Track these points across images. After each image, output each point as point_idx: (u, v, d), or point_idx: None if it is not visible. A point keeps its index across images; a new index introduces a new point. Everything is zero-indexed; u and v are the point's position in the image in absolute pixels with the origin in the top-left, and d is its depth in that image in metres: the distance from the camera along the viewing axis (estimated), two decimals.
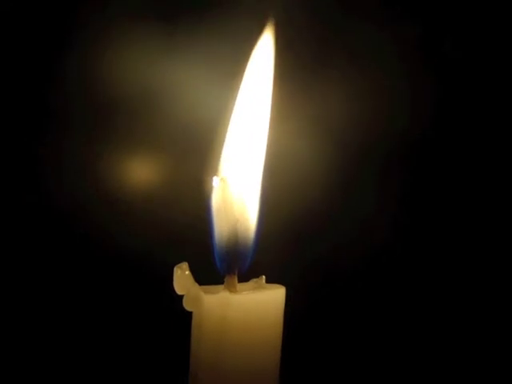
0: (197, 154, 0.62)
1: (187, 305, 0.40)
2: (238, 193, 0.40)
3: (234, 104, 0.42)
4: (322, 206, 0.71)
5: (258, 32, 0.44)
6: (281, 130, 0.68)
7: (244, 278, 0.41)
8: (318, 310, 0.72)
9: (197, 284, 0.39)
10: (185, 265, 0.39)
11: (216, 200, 0.40)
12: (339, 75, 0.71)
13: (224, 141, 0.41)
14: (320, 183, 0.71)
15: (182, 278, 0.39)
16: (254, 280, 0.41)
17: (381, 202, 0.72)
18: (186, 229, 0.66)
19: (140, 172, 0.72)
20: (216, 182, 0.40)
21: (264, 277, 0.41)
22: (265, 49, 0.43)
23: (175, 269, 0.40)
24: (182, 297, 0.40)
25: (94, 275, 0.71)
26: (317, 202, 0.71)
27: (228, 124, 0.41)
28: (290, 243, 0.71)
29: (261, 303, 0.39)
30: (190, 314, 0.40)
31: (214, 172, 0.41)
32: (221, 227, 0.40)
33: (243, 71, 0.42)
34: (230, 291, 0.40)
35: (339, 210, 0.72)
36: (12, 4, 0.68)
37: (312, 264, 0.71)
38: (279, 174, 0.68)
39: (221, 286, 0.40)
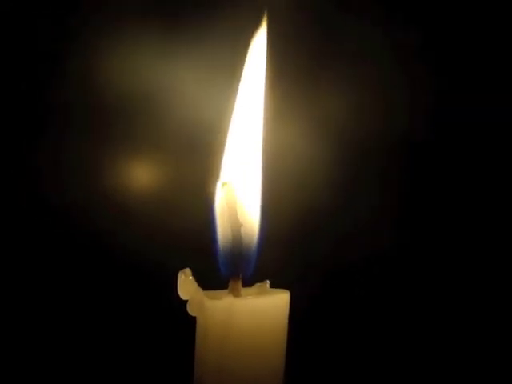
0: (201, 158, 0.62)
1: (191, 310, 0.39)
2: (241, 197, 0.40)
3: (233, 107, 0.42)
4: (326, 209, 0.71)
5: (255, 31, 0.44)
6: (282, 131, 0.69)
7: (248, 283, 0.41)
8: (323, 314, 0.72)
9: (201, 289, 0.39)
10: (188, 270, 0.39)
11: (220, 204, 0.40)
12: (339, 76, 0.71)
13: (225, 144, 0.41)
14: (323, 185, 0.71)
15: (186, 283, 0.39)
16: (258, 285, 0.41)
17: (383, 203, 0.72)
18: (190, 233, 0.66)
19: (143, 176, 0.72)
20: (220, 186, 0.40)
21: (268, 281, 0.41)
22: (260, 48, 0.43)
23: (179, 274, 0.39)
24: (185, 302, 0.39)
25: (97, 279, 0.71)
26: (320, 204, 0.71)
27: (228, 127, 0.41)
28: (294, 247, 0.71)
29: (265, 308, 0.39)
30: (194, 319, 0.40)
31: (218, 176, 0.41)
32: (225, 232, 0.40)
33: (241, 72, 0.42)
34: (234, 296, 0.39)
35: (343, 211, 0.71)
36: (12, 4, 0.68)
37: (317, 268, 0.71)
38: (282, 176, 0.68)
39: (225, 291, 0.40)
